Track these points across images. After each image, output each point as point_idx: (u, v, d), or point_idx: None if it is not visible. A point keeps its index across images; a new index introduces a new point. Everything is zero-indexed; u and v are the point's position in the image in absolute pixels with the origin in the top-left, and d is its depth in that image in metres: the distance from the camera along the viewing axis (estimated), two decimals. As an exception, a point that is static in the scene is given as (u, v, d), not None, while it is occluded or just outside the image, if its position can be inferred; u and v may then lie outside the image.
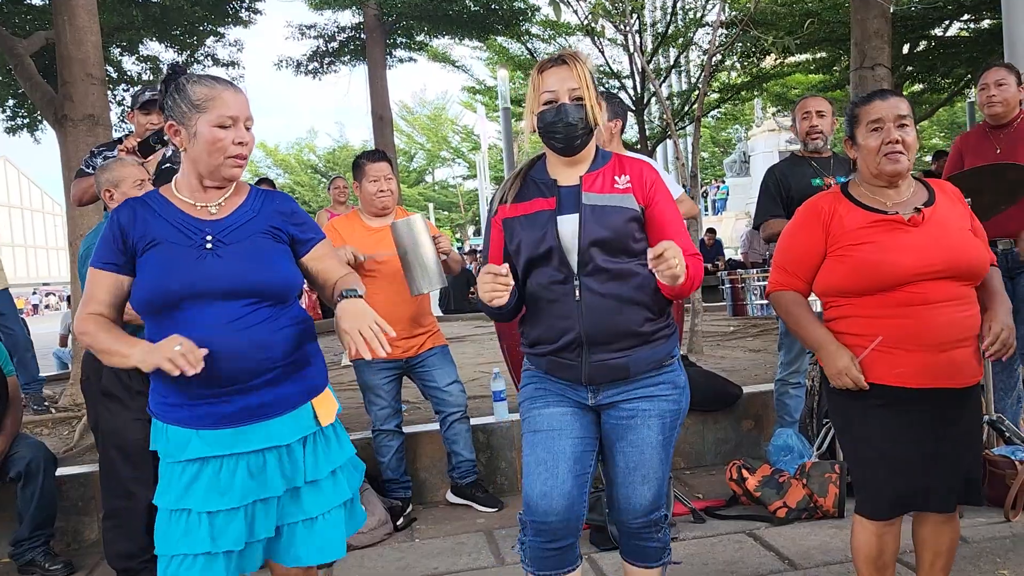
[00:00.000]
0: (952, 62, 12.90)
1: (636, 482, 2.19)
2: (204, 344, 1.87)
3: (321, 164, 34.65)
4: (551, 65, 2.13)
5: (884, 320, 2.20)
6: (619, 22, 8.24)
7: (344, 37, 13.09)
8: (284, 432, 2.02)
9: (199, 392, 1.95)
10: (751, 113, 26.95)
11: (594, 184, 2.14)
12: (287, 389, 2.03)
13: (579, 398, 2.19)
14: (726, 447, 4.51)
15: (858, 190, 2.35)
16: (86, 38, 5.87)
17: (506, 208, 2.20)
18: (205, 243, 1.96)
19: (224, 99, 1.96)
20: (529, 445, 2.18)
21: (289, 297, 2.07)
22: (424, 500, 4.17)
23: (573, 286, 2.09)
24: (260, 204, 2.09)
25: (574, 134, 2.11)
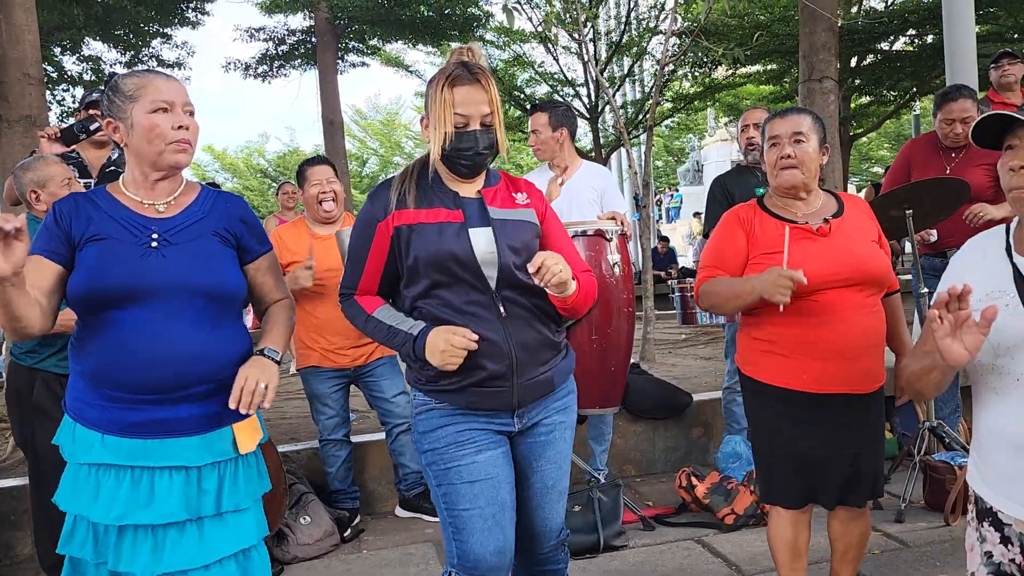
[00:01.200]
0: (898, 75, 13.28)
1: (553, 500, 2.11)
2: (130, 346, 1.81)
3: (271, 168, 34.22)
4: (463, 82, 1.96)
5: (794, 327, 2.33)
6: (573, 31, 8.31)
7: (294, 40, 12.98)
8: (194, 453, 1.89)
9: (113, 395, 1.85)
10: (704, 123, 27.38)
11: (495, 199, 2.06)
12: (207, 408, 1.91)
13: (504, 427, 2.04)
14: (676, 455, 4.56)
15: (772, 201, 2.50)
16: (23, 37, 5.74)
17: (401, 214, 1.99)
18: (150, 241, 1.88)
19: (156, 85, 1.89)
20: (467, 497, 1.97)
21: (233, 304, 1.98)
22: (372, 511, 4.14)
23: (495, 302, 1.97)
24: (211, 205, 2.01)
25: (482, 162, 2.02)
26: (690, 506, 3.79)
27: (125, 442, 1.85)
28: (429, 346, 1.92)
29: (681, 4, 6.64)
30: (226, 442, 1.95)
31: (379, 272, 2.04)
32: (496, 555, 1.98)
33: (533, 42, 14.52)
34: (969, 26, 6.04)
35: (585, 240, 3.60)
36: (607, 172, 4.34)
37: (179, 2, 10.28)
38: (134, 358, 1.82)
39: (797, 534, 2.51)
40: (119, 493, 1.85)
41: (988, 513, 1.65)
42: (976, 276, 1.64)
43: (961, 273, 1.68)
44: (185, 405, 1.88)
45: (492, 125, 2.00)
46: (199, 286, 1.88)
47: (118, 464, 1.85)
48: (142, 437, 1.86)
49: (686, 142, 32.53)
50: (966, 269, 1.69)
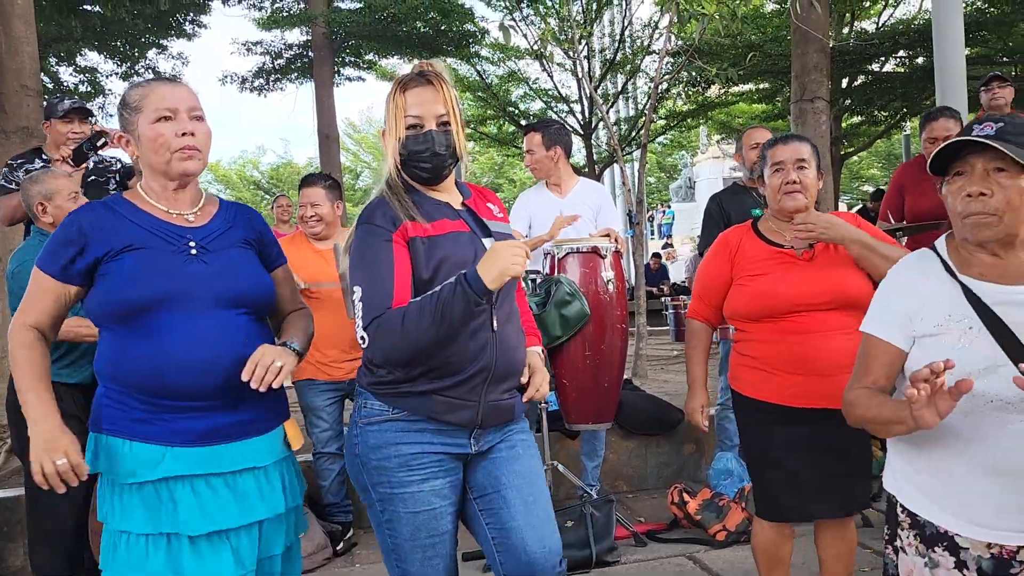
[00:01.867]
0: (888, 96, 13.40)
1: (543, 520, 1.97)
2: (183, 354, 1.79)
3: (264, 181, 34.20)
4: (414, 84, 1.91)
5: (776, 345, 2.46)
6: (568, 48, 8.39)
7: (291, 55, 13.01)
8: (261, 453, 1.93)
9: (171, 405, 1.82)
10: (696, 140, 27.53)
11: (481, 212, 2.03)
12: (263, 409, 1.94)
13: (459, 449, 1.94)
14: (668, 471, 4.58)
15: (766, 225, 2.62)
16: (22, 48, 5.74)
17: (413, 226, 1.89)
18: (189, 249, 1.88)
19: (159, 93, 1.85)
20: (409, 528, 1.89)
21: (266, 310, 2.02)
22: (365, 524, 4.13)
23: (490, 315, 1.93)
24: (233, 216, 2.02)
25: (443, 163, 1.94)
26: (682, 522, 3.81)
27: (199, 451, 1.84)
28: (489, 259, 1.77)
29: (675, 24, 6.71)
30: (280, 440, 2.00)
31: (409, 286, 1.87)
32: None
33: (528, 59, 14.61)
34: (959, 48, 6.13)
35: (580, 257, 3.64)
36: (603, 189, 4.39)
37: (176, 14, 10.32)
38: (189, 365, 1.80)
39: (781, 544, 2.59)
40: (201, 502, 1.83)
41: (942, 538, 1.64)
42: (923, 298, 1.66)
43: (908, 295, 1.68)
44: (244, 408, 1.89)
45: (449, 126, 1.92)
46: (241, 292, 1.90)
47: (193, 474, 1.83)
48: (212, 444, 1.86)
49: (678, 159, 32.68)
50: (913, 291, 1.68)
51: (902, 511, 1.73)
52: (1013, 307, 1.56)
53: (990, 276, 1.62)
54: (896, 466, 1.76)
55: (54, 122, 3.79)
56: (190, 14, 10.60)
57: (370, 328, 1.83)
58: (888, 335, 1.70)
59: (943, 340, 1.60)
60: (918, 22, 12.51)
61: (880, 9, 13.65)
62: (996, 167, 1.56)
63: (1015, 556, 1.59)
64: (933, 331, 1.62)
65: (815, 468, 2.44)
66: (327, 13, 11.61)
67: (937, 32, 6.19)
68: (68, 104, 3.80)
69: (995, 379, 1.53)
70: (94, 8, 9.46)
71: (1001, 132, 1.55)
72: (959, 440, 1.59)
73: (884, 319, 1.72)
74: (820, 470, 2.44)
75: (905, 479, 1.72)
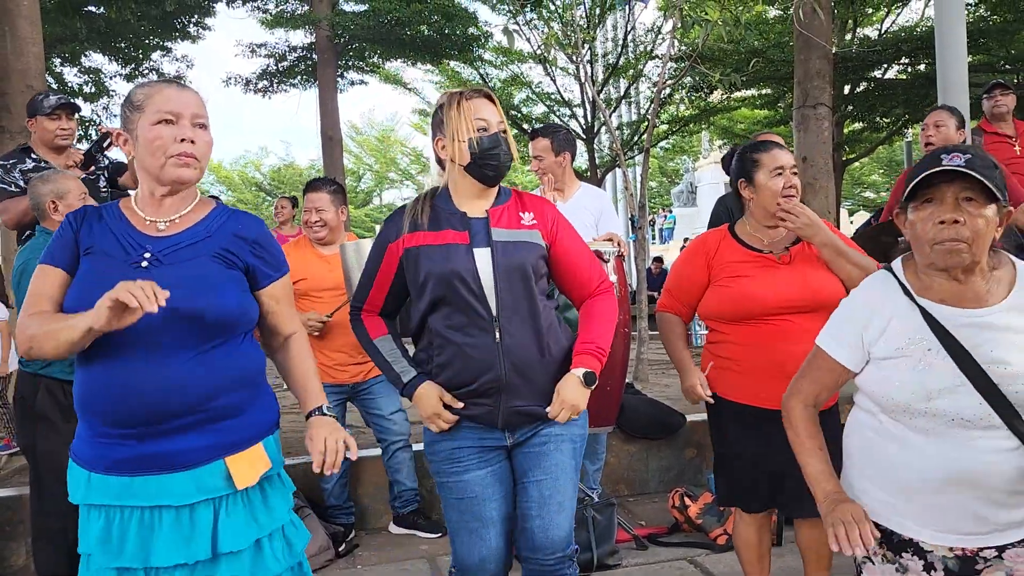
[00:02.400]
0: (890, 103, 13.44)
1: (553, 511, 2.13)
2: (111, 374, 1.70)
3: (266, 182, 34.24)
4: (476, 96, 2.12)
5: (750, 347, 2.51)
6: (571, 53, 8.41)
7: (295, 57, 13.06)
8: (183, 490, 1.74)
9: (99, 429, 1.74)
10: (698, 145, 27.58)
11: (501, 219, 2.11)
12: (195, 442, 1.75)
13: (496, 441, 2.14)
14: (669, 475, 4.59)
15: (743, 229, 2.66)
16: (27, 49, 5.78)
17: (411, 236, 2.09)
18: (141, 260, 1.77)
19: (165, 95, 1.78)
20: (456, 510, 2.15)
21: (230, 331, 1.81)
22: (367, 526, 4.15)
23: (493, 326, 2.04)
24: (219, 225, 1.87)
25: (508, 164, 2.13)
26: (683, 526, 3.82)
27: (111, 480, 1.73)
28: (419, 399, 2.11)
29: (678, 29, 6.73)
30: (217, 477, 1.78)
31: (385, 291, 2.18)
32: (478, 563, 2.14)
33: (531, 62, 14.65)
34: (961, 56, 6.14)
35: (583, 261, 3.64)
36: (604, 195, 4.40)
37: (180, 16, 10.36)
38: (114, 387, 1.70)
39: (761, 536, 2.68)
40: (111, 535, 1.74)
41: (908, 544, 1.73)
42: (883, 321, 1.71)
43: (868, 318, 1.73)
44: (171, 438, 1.73)
45: (506, 135, 2.14)
46: (186, 310, 1.71)
47: (106, 504, 1.74)
48: (127, 474, 1.72)
49: (680, 164, 32.73)
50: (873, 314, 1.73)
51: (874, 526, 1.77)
52: (971, 329, 1.63)
53: (950, 300, 1.67)
54: (856, 483, 1.81)
55: (40, 119, 3.74)
56: (194, 16, 10.63)
57: (350, 314, 2.23)
58: (839, 354, 1.78)
59: (902, 363, 1.66)
60: (920, 29, 12.55)
61: (883, 16, 13.68)
62: (965, 196, 1.61)
63: (978, 553, 1.69)
64: (893, 353, 1.68)
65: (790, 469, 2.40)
66: (331, 16, 11.66)
67: (939, 39, 6.19)
68: (55, 100, 3.74)
69: (955, 399, 1.60)
70: (99, 9, 9.50)
71: (970, 163, 1.60)
72: (922, 457, 1.66)
73: (840, 338, 1.79)
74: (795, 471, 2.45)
75: (865, 493, 1.78)
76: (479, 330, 2.04)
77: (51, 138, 3.74)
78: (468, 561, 2.15)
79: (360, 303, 2.23)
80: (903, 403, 1.66)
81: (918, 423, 1.65)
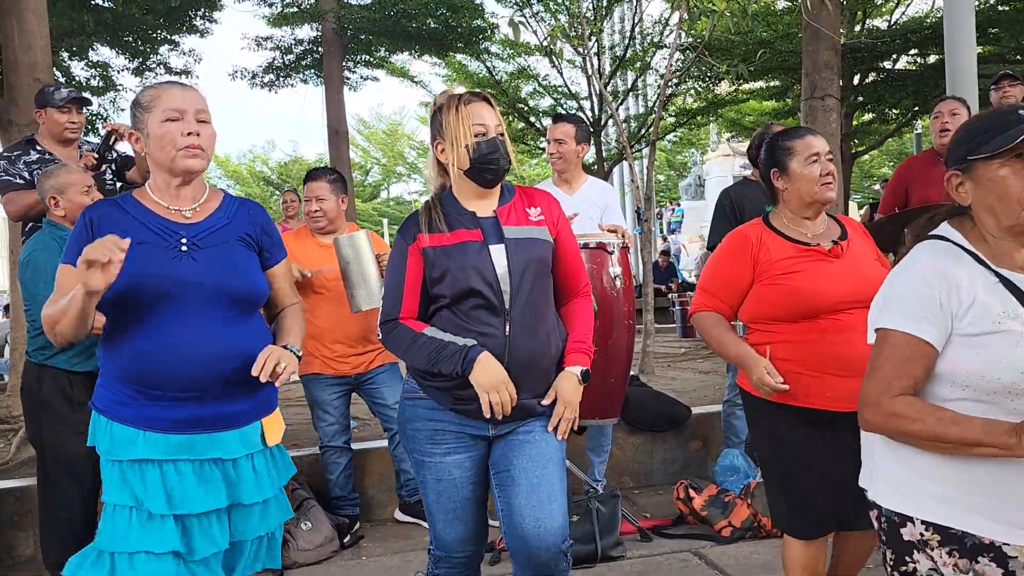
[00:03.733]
0: (900, 94, 13.34)
1: (544, 500, 2.08)
2: (169, 346, 1.92)
3: (274, 176, 34.29)
4: (475, 99, 2.16)
5: (812, 344, 2.34)
6: (577, 45, 8.39)
7: (301, 50, 13.05)
8: (232, 446, 2.03)
9: (153, 393, 1.96)
10: (706, 138, 27.46)
11: (509, 217, 2.19)
12: (242, 404, 2.05)
13: (478, 431, 2.17)
14: (674, 467, 4.59)
15: (780, 221, 2.52)
16: (35, 42, 5.78)
17: (426, 237, 2.15)
18: (180, 245, 1.98)
19: (170, 95, 1.98)
20: (434, 492, 2.20)
21: (257, 306, 2.11)
22: (372, 517, 4.17)
23: (503, 319, 2.10)
24: (234, 212, 2.11)
25: (506, 167, 2.17)
26: (687, 518, 3.82)
27: (170, 438, 1.96)
28: (481, 365, 2.04)
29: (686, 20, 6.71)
30: (256, 435, 2.09)
31: (418, 292, 2.17)
32: (458, 542, 2.23)
33: (538, 55, 14.61)
34: (970, 46, 6.10)
35: (587, 252, 3.64)
36: (610, 188, 4.39)
37: (187, 10, 10.36)
38: (173, 356, 1.92)
39: (817, 558, 2.46)
40: (167, 485, 1.95)
41: (987, 549, 1.50)
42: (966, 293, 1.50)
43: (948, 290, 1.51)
44: (223, 401, 2.00)
45: (504, 137, 2.17)
46: (229, 288, 2.00)
47: (162, 459, 1.96)
48: (184, 433, 1.98)
49: (688, 157, 32.61)
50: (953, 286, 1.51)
51: (927, 529, 1.54)
52: None
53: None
54: (910, 481, 1.58)
55: (50, 110, 3.74)
56: (201, 10, 10.62)
57: (383, 328, 2.19)
58: (931, 335, 1.51)
59: (1002, 339, 1.46)
60: (930, 19, 12.46)
61: (892, 7, 13.59)
62: None
63: None
64: (990, 328, 1.47)
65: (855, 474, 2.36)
66: (337, 9, 11.64)
67: (948, 29, 6.16)
68: (66, 93, 3.76)
69: None
70: (106, 3, 9.51)
71: None
72: None
73: (925, 316, 1.51)
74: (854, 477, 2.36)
75: (927, 494, 1.55)
76: (489, 324, 2.09)
77: (60, 131, 3.75)
78: (445, 539, 2.23)
79: (395, 313, 2.17)
80: (1008, 384, 1.45)
81: (1017, 405, 1.45)
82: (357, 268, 3.46)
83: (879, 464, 1.65)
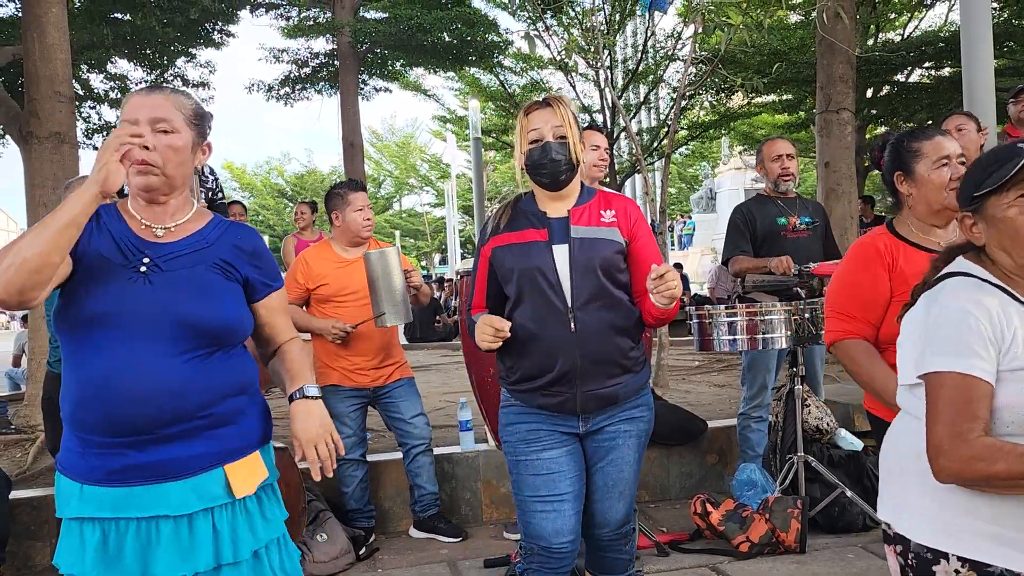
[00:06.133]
0: (914, 107, 13.31)
1: (614, 498, 2.36)
2: (105, 379, 1.66)
3: (289, 188, 34.50)
4: (536, 107, 2.28)
5: None
6: (591, 58, 8.41)
7: (317, 63, 13.13)
8: (181, 500, 1.71)
9: (90, 439, 1.69)
10: (718, 151, 27.45)
11: (581, 217, 2.27)
12: (194, 449, 1.72)
13: (570, 428, 2.30)
14: (690, 481, 4.55)
15: (907, 229, 2.38)
16: (55, 55, 5.84)
17: (496, 238, 2.30)
18: (140, 265, 1.74)
19: (131, 103, 1.77)
20: (530, 487, 2.28)
21: (228, 340, 1.80)
22: (387, 530, 4.15)
23: (568, 317, 2.20)
24: (217, 236, 1.86)
25: (558, 170, 2.24)
26: (704, 533, 3.78)
27: (107, 491, 1.68)
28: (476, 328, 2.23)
29: (699, 33, 6.71)
30: (218, 485, 1.75)
31: (484, 291, 2.35)
32: (554, 534, 2.27)
33: (551, 68, 14.65)
34: (987, 59, 6.06)
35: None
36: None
37: (205, 23, 10.45)
38: (110, 395, 1.66)
39: None
40: (107, 549, 1.69)
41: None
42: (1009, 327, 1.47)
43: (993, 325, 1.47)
44: (169, 446, 1.70)
45: (565, 137, 2.24)
46: (185, 317, 1.72)
47: (101, 517, 1.69)
48: (124, 485, 1.68)
49: (699, 169, 32.60)
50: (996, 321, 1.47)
51: (962, 565, 1.50)
52: None
53: None
54: (947, 517, 1.52)
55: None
56: (219, 23, 10.71)
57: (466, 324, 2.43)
58: (983, 371, 1.45)
59: None
60: (945, 32, 12.42)
61: (906, 21, 13.56)
62: None
63: None
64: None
65: None
66: (353, 23, 11.71)
67: (965, 42, 6.12)
68: None
69: None
70: (125, 16, 9.59)
71: None
72: None
73: (979, 354, 1.45)
74: None
75: (968, 530, 1.51)
76: (556, 322, 2.20)
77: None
78: (540, 531, 2.27)
79: (468, 307, 2.44)
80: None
81: None
82: (386, 284, 3.48)
83: (910, 498, 1.59)
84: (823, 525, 3.77)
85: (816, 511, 3.73)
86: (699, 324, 3.78)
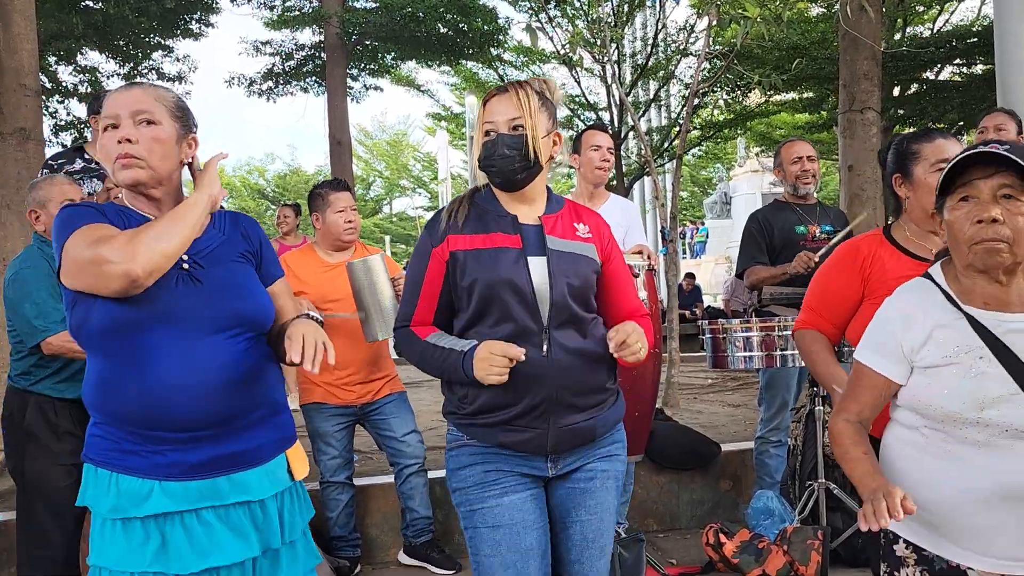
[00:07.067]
0: (944, 107, 13.36)
1: (595, 555, 2.13)
2: (171, 379, 1.77)
3: (270, 189, 34.51)
4: (495, 94, 2.08)
5: None
6: (597, 52, 8.44)
7: (302, 56, 13.17)
8: (259, 486, 1.90)
9: (161, 436, 1.79)
10: (733, 152, 27.53)
11: (555, 228, 2.10)
12: (262, 437, 1.92)
13: (535, 470, 2.09)
14: (702, 509, 4.55)
15: (902, 234, 2.43)
16: (21, 45, 5.85)
17: (456, 238, 2.05)
18: (181, 263, 1.84)
19: (110, 100, 1.86)
20: (490, 544, 2.04)
21: (263, 327, 1.96)
22: (374, 560, 4.14)
23: (541, 339, 2.01)
24: (229, 227, 2.01)
25: (510, 167, 2.03)
26: (717, 565, 3.78)
27: (190, 484, 1.81)
28: (475, 358, 1.94)
29: (714, 26, 6.74)
30: (283, 470, 1.97)
31: (434, 300, 2.09)
32: None
33: (554, 63, 14.72)
34: (1023, 55, 6.09)
35: (611, 275, 3.62)
36: (633, 205, 4.40)
37: (182, 13, 10.50)
38: (182, 392, 1.77)
39: None
40: (193, 539, 1.81)
41: (953, 572, 1.73)
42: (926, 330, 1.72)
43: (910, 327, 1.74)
44: (242, 436, 1.87)
45: (522, 130, 2.03)
46: (237, 311, 1.87)
47: (184, 510, 1.81)
48: (206, 476, 1.83)
49: (713, 172, 32.67)
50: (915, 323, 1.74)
51: (906, 547, 1.80)
52: (1020, 335, 1.66)
53: (993, 305, 1.70)
54: None
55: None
56: (197, 13, 10.77)
57: (396, 333, 2.14)
58: (883, 367, 1.78)
59: (952, 371, 1.68)
60: (977, 27, 12.48)
61: (935, 14, 13.62)
62: (1004, 193, 1.63)
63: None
64: (941, 361, 1.69)
65: None
66: (341, 12, 11.76)
67: (999, 38, 6.15)
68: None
69: (1008, 408, 1.63)
70: (96, 4, 9.64)
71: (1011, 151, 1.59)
72: (970, 470, 1.66)
73: (882, 350, 1.79)
74: None
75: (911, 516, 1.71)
76: (527, 345, 1.97)
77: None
78: None
79: (407, 320, 2.12)
80: (952, 412, 1.67)
81: (967, 434, 1.66)
82: (371, 295, 3.44)
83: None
84: (845, 558, 3.75)
85: (838, 543, 3.72)
86: (712, 339, 3.79)
